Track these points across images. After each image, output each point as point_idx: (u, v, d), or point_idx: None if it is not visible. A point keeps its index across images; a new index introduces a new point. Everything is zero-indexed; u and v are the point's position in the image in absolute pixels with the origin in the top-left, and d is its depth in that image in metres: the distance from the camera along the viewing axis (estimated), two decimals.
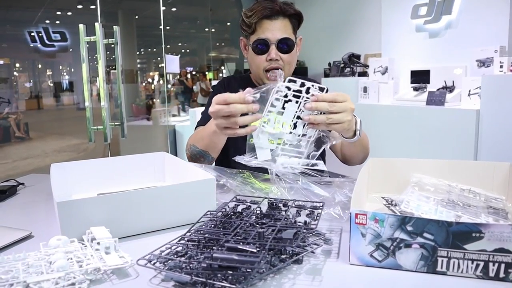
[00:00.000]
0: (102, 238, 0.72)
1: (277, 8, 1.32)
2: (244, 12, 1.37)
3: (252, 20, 1.33)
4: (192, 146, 1.30)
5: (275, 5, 1.32)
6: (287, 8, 1.34)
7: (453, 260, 0.65)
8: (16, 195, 1.25)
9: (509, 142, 2.71)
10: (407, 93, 3.62)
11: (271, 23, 1.33)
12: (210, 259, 0.62)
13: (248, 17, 1.35)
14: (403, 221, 0.67)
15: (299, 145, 1.00)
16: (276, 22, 1.33)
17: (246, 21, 1.35)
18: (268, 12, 1.32)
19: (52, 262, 0.65)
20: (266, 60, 1.35)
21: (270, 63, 1.35)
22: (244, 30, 1.40)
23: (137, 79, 7.64)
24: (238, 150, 1.31)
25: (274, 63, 1.35)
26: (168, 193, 0.90)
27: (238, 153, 1.05)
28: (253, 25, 1.34)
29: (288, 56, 1.36)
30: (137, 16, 8.27)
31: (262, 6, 1.32)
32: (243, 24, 1.38)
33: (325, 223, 0.91)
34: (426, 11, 3.69)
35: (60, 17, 7.14)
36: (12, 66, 7.41)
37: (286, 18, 1.35)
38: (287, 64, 1.37)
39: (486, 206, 0.90)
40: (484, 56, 3.08)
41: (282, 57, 1.35)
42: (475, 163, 1.08)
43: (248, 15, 1.35)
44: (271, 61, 1.34)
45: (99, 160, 1.22)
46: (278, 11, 1.32)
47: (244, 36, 1.43)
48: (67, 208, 0.80)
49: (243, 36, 1.45)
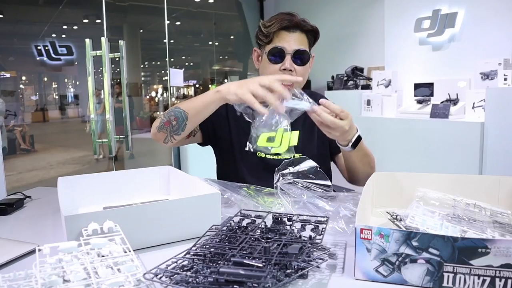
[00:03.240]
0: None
1: (295, 21, 1.34)
2: (262, 22, 1.38)
3: (270, 29, 1.34)
4: (175, 107, 1.25)
5: (293, 18, 1.34)
6: (305, 24, 1.36)
7: (459, 275, 0.65)
8: (23, 208, 1.26)
9: None
10: (411, 106, 3.62)
11: (289, 35, 1.34)
12: (217, 273, 0.63)
13: (266, 26, 1.35)
14: (409, 236, 0.67)
15: None
16: (294, 34, 1.34)
17: (264, 30, 1.36)
18: (287, 23, 1.33)
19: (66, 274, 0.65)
20: (280, 70, 1.33)
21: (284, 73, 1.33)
22: (260, 40, 1.40)
23: (142, 92, 7.70)
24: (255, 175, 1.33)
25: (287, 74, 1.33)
26: (174, 207, 0.91)
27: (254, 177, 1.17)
28: (271, 34, 1.35)
29: (302, 69, 1.36)
30: (142, 30, 8.37)
31: (281, 18, 1.34)
32: (260, 34, 1.39)
33: (329, 237, 0.91)
34: (429, 24, 3.72)
35: (66, 31, 7.24)
36: (18, 79, 7.49)
37: (303, 33, 1.36)
38: (300, 76, 1.35)
39: (491, 221, 0.90)
40: (488, 69, 3.09)
41: (296, 69, 1.34)
42: (480, 177, 1.08)
43: (266, 25, 1.36)
44: (285, 71, 1.33)
45: (105, 174, 1.22)
46: (296, 24, 1.34)
47: (259, 46, 1.44)
48: (74, 222, 0.80)
49: (257, 47, 1.46)
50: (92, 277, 0.65)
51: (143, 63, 9.07)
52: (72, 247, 0.73)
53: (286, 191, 1.05)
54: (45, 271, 0.68)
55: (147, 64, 10.51)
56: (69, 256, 0.72)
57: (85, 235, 0.79)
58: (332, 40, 4.93)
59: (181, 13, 7.59)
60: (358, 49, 4.76)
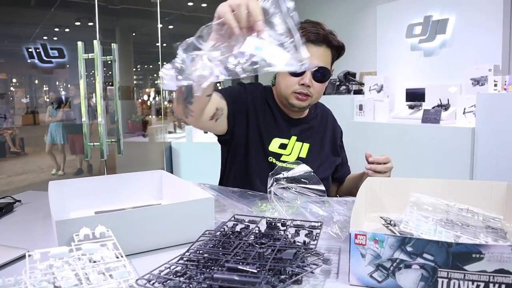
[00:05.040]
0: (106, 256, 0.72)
1: (322, 34, 1.28)
2: None
3: None
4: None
5: (321, 31, 1.29)
6: (332, 39, 1.31)
7: (453, 281, 0.65)
8: (13, 213, 1.24)
9: (504, 159, 2.73)
10: (403, 111, 3.65)
11: (313, 48, 1.28)
12: (211, 279, 0.62)
13: None
14: (403, 241, 0.67)
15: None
16: (319, 49, 1.30)
17: None
18: (314, 37, 1.27)
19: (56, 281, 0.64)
20: (298, 84, 1.31)
21: (301, 88, 1.31)
22: None
23: (134, 96, 7.66)
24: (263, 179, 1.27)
25: (304, 89, 1.31)
26: (167, 212, 0.90)
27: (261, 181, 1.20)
28: None
29: (320, 86, 1.34)
30: (134, 33, 8.34)
31: (308, 30, 1.27)
32: None
33: (323, 242, 0.90)
34: (420, 30, 3.75)
35: (58, 33, 7.19)
36: (9, 81, 7.43)
37: (329, 48, 1.32)
38: (316, 93, 1.34)
39: (484, 226, 0.90)
40: (478, 75, 3.12)
41: (314, 85, 1.32)
42: (472, 182, 1.08)
43: None
44: (303, 86, 1.31)
45: (97, 178, 1.21)
46: (323, 39, 1.29)
47: None
48: (66, 227, 0.79)
49: None
50: (84, 283, 0.64)
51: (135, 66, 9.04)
52: (63, 252, 0.72)
53: (280, 196, 1.05)
54: (35, 277, 0.66)
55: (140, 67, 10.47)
56: (60, 261, 0.71)
57: (76, 240, 0.78)
58: None
59: (174, 17, 7.58)
60: (350, 54, 4.77)
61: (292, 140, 1.41)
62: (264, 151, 1.37)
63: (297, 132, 1.43)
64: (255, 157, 1.37)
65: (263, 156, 1.37)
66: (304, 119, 1.46)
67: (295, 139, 1.41)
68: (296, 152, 1.41)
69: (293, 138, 1.41)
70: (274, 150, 1.38)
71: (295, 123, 1.43)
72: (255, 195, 1.16)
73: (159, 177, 1.27)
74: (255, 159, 1.37)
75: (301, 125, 1.44)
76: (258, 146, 1.37)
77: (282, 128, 1.40)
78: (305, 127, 1.45)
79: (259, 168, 1.36)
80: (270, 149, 1.38)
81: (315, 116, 1.50)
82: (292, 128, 1.42)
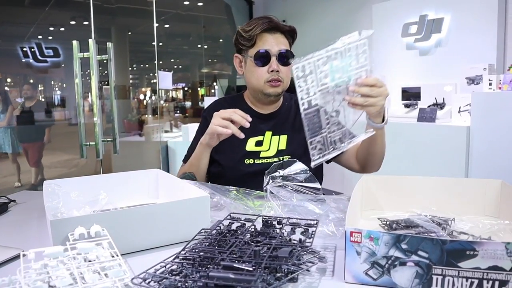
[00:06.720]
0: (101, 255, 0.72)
1: (275, 22, 1.38)
2: (241, 28, 1.42)
3: (252, 32, 1.38)
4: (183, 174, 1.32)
5: (272, 19, 1.39)
6: (283, 25, 1.41)
7: (447, 278, 0.65)
8: (7, 213, 1.23)
9: (499, 158, 2.75)
10: (398, 110, 3.66)
11: (271, 36, 1.38)
12: (206, 277, 0.62)
13: (247, 31, 1.39)
14: (398, 239, 0.67)
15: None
16: (275, 35, 1.39)
17: (245, 35, 1.39)
18: (268, 25, 1.37)
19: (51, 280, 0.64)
20: (268, 72, 1.38)
21: (271, 75, 1.38)
22: (241, 45, 1.43)
23: (130, 95, 7.64)
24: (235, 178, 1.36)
25: (275, 75, 1.38)
26: (163, 211, 0.90)
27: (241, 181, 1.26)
28: (254, 37, 1.38)
29: (287, 69, 1.40)
30: (130, 32, 8.30)
31: (261, 21, 1.38)
32: (241, 39, 1.41)
33: (319, 240, 0.91)
34: (416, 29, 3.76)
35: (53, 32, 7.15)
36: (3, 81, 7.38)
37: (283, 33, 1.40)
38: (286, 77, 1.41)
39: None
40: (473, 74, 3.14)
41: (281, 69, 1.39)
42: (467, 180, 1.09)
43: (246, 29, 1.39)
44: (272, 72, 1.38)
45: (92, 177, 1.21)
46: (276, 26, 1.39)
47: (239, 51, 1.46)
48: (60, 226, 0.79)
49: (238, 53, 1.47)
50: (79, 282, 0.64)
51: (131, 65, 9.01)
52: (58, 252, 0.72)
53: (276, 194, 1.05)
54: (29, 276, 0.66)
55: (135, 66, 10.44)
56: (54, 261, 0.70)
57: (71, 239, 0.78)
58: (320, 44, 4.92)
59: (169, 16, 7.55)
60: None
61: (267, 136, 1.45)
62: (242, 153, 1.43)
63: (271, 126, 1.47)
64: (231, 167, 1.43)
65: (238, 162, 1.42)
66: (277, 113, 1.51)
67: (271, 134, 1.46)
68: (275, 146, 1.44)
69: (268, 134, 1.46)
70: (251, 149, 1.43)
71: (266, 118, 1.49)
72: (251, 194, 1.16)
73: (155, 176, 1.27)
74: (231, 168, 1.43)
75: (274, 119, 1.49)
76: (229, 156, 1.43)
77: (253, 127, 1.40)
78: (278, 121, 1.49)
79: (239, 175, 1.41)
80: (247, 149, 1.43)
81: (288, 108, 1.53)
82: (265, 123, 1.47)
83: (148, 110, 8.47)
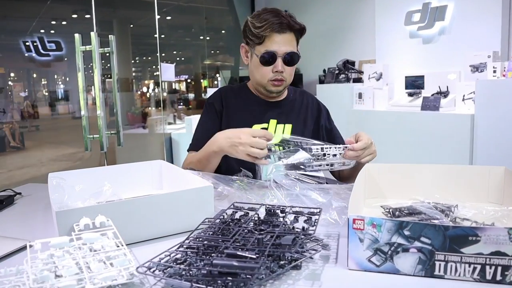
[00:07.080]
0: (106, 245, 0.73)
1: (285, 23, 1.37)
2: (251, 21, 1.40)
3: (261, 32, 1.37)
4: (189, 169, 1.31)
5: (283, 19, 1.37)
6: (294, 24, 1.39)
7: (450, 263, 0.66)
8: (14, 205, 1.24)
9: (503, 145, 2.73)
10: (402, 99, 3.64)
11: (279, 36, 1.38)
12: (210, 265, 0.63)
13: (257, 28, 1.37)
14: (401, 225, 0.67)
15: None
16: (284, 35, 1.38)
17: (255, 31, 1.38)
18: (278, 27, 1.36)
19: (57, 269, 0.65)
20: (272, 72, 1.41)
21: (275, 75, 1.41)
22: (250, 40, 1.42)
23: (133, 88, 7.64)
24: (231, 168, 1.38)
25: (278, 75, 1.42)
26: (167, 201, 0.91)
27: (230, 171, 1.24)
28: (263, 37, 1.38)
29: (291, 69, 1.44)
30: (132, 25, 8.28)
31: (272, 20, 1.36)
32: (250, 34, 1.41)
33: (322, 228, 0.91)
34: (419, 17, 3.73)
35: (55, 26, 7.14)
36: (7, 76, 7.40)
37: (292, 32, 1.40)
38: (289, 76, 1.45)
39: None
40: (477, 62, 3.11)
41: (285, 69, 1.42)
42: (470, 167, 1.09)
43: (257, 26, 1.38)
44: (276, 72, 1.41)
45: (97, 169, 1.22)
46: (286, 26, 1.38)
47: (247, 43, 1.46)
48: (66, 217, 0.80)
49: (245, 44, 1.47)
50: (85, 271, 0.65)
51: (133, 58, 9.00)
52: (64, 242, 0.73)
53: (279, 183, 1.05)
54: (36, 266, 0.67)
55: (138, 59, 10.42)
56: (60, 251, 0.71)
57: (76, 230, 0.79)
58: (323, 33, 4.92)
59: (171, 8, 7.52)
60: (349, 43, 4.76)
61: (272, 123, 1.48)
62: None
63: (276, 114, 1.50)
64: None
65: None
66: (283, 102, 1.54)
67: (276, 122, 1.49)
68: (280, 134, 1.46)
69: (273, 122, 1.48)
70: None
71: (272, 106, 1.52)
72: (255, 183, 1.17)
73: (158, 167, 1.28)
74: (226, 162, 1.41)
75: (280, 107, 1.52)
76: None
77: (259, 113, 1.48)
78: (284, 110, 1.52)
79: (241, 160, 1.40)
80: None
81: (294, 99, 1.57)
82: (270, 111, 1.50)
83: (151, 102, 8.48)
